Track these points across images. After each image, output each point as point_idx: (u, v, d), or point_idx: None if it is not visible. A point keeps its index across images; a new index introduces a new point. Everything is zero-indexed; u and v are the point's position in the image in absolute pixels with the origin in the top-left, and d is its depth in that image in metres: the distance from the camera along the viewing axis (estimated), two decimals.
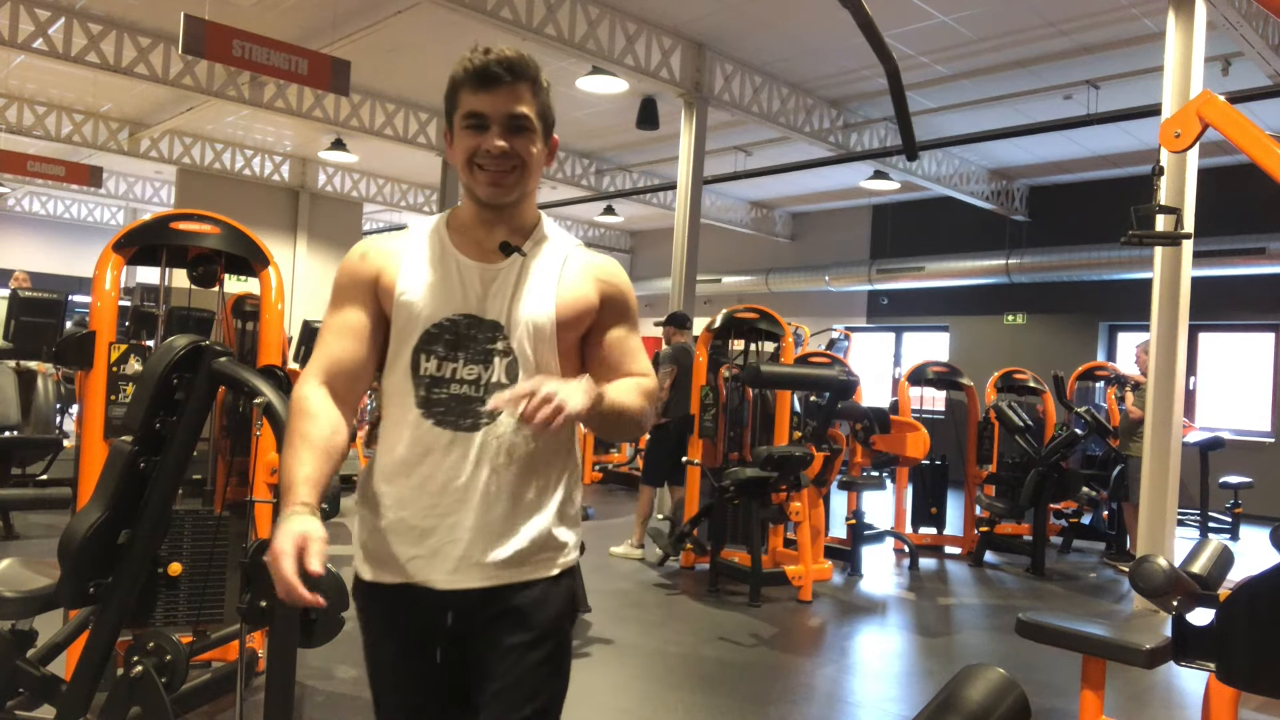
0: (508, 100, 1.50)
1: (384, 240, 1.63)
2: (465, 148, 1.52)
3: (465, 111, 1.51)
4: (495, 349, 1.54)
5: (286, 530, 1.36)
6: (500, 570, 1.53)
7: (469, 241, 1.58)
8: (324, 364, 1.56)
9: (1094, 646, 2.83)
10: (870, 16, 3.28)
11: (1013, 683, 1.12)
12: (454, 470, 1.52)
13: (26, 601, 2.39)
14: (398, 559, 1.54)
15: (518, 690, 1.52)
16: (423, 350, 1.53)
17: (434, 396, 1.52)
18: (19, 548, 5.86)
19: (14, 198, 18.32)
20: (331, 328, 1.59)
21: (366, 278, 1.59)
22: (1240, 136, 3.52)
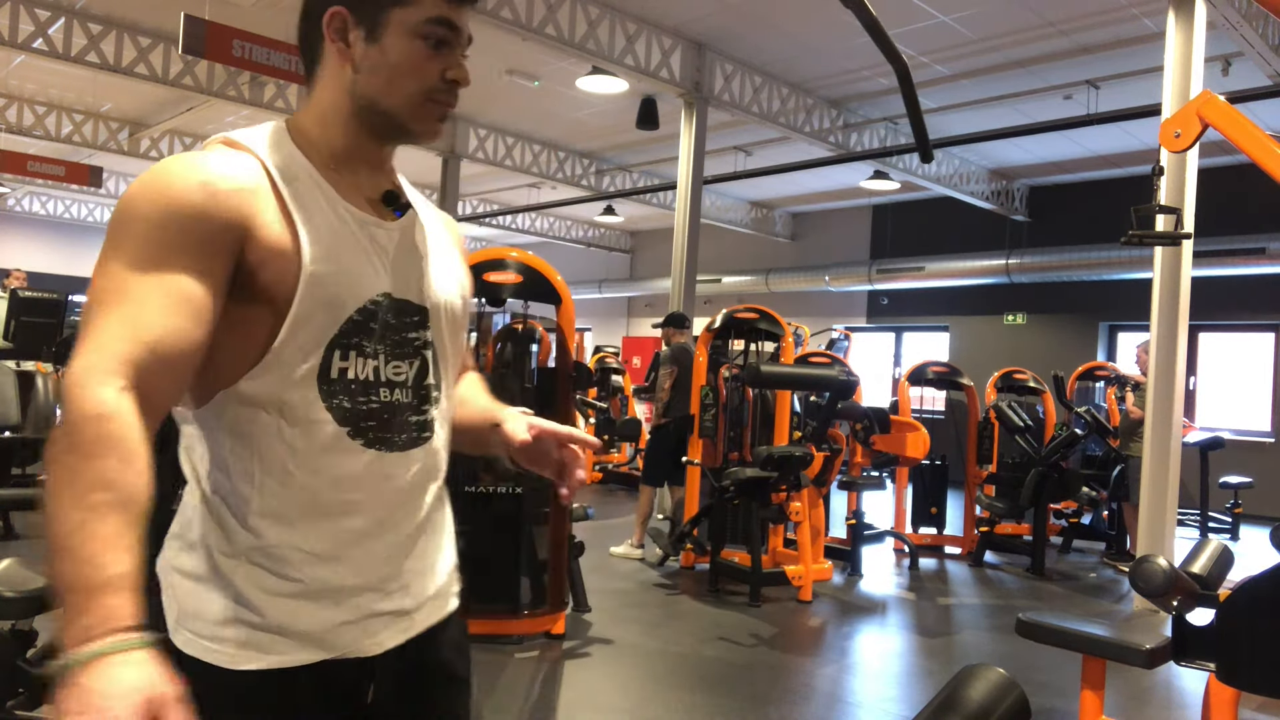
0: (466, 20, 1.14)
1: (230, 169, 1.05)
2: (415, 63, 1.10)
3: (429, 16, 1.10)
4: (418, 339, 1.16)
5: (119, 685, 0.80)
6: (426, 613, 1.21)
7: (350, 188, 1.14)
8: (137, 351, 0.95)
9: (1094, 646, 2.83)
10: (875, 17, 3.27)
11: (1013, 683, 1.12)
12: (392, 504, 1.14)
13: (26, 601, 2.39)
14: (312, 631, 1.08)
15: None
16: (341, 345, 1.09)
17: (361, 408, 1.10)
18: (19, 548, 5.87)
19: (14, 198, 18.32)
20: (147, 295, 0.98)
21: (222, 224, 1.02)
22: (1240, 136, 3.53)
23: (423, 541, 1.20)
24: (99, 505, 0.88)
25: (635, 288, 18.39)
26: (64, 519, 0.87)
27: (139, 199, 1.02)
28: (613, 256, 19.19)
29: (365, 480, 1.11)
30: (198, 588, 1.08)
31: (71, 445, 0.90)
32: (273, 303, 1.05)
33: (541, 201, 15.70)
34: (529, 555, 4.63)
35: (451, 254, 1.26)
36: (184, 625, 1.08)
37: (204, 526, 1.10)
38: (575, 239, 18.35)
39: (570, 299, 4.79)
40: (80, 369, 0.93)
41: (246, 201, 1.04)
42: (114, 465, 0.90)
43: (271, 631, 1.07)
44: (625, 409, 11.60)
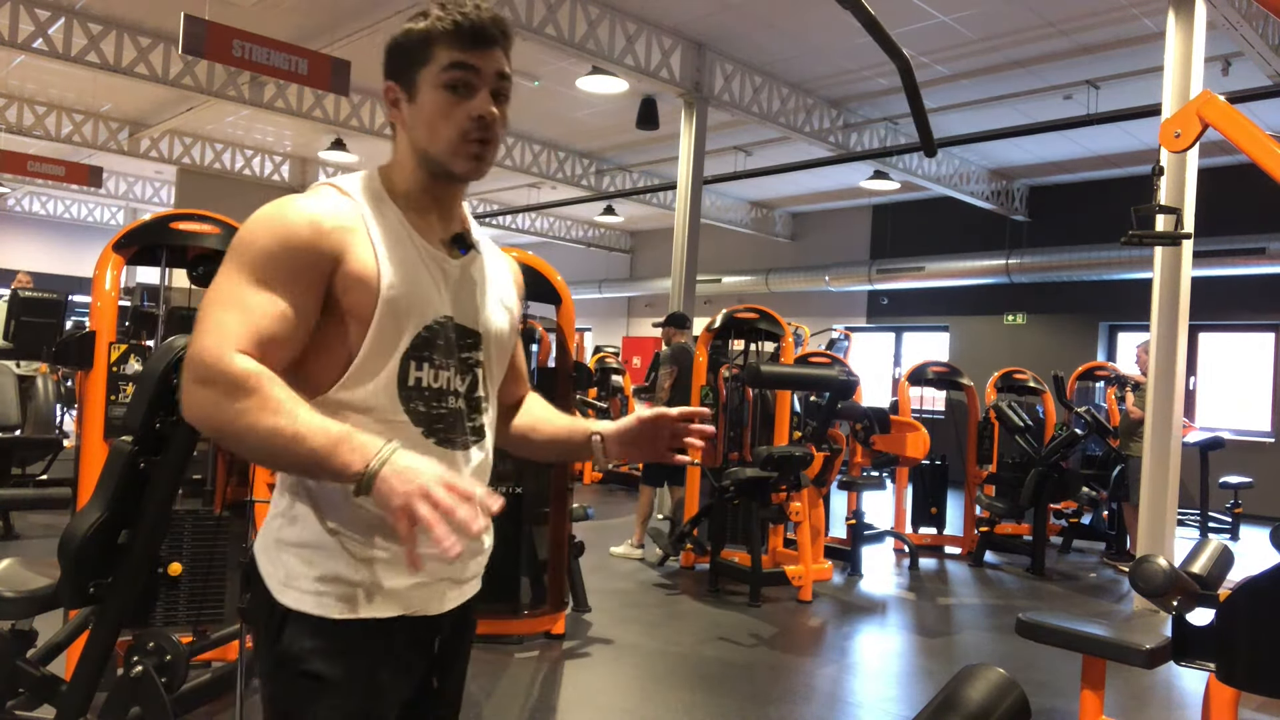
0: (497, 61, 1.31)
1: (335, 209, 1.29)
2: (443, 110, 1.29)
3: (449, 63, 1.29)
4: (472, 359, 1.39)
5: (413, 464, 1.10)
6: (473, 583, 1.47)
7: (423, 226, 1.35)
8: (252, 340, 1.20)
9: (1094, 646, 2.83)
10: (873, 16, 3.27)
11: (1013, 683, 1.12)
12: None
13: (26, 601, 2.39)
14: (396, 591, 1.32)
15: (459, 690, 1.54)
16: (414, 357, 1.31)
17: (434, 411, 1.33)
18: (19, 548, 5.86)
19: (14, 198, 18.32)
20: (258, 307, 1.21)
21: (319, 257, 1.25)
22: (1240, 136, 3.53)
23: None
24: (295, 406, 1.15)
25: (635, 288, 18.38)
26: (278, 425, 1.14)
27: (260, 229, 1.27)
28: (613, 256, 19.19)
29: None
30: (304, 553, 1.30)
31: (241, 391, 1.14)
32: (357, 321, 1.27)
33: (541, 201, 15.70)
34: (529, 555, 4.63)
35: (506, 290, 1.47)
36: (291, 585, 1.29)
37: (306, 505, 1.31)
38: (575, 239, 18.35)
39: (570, 299, 4.80)
40: (211, 346, 1.17)
41: (342, 238, 1.26)
42: (280, 388, 1.16)
43: (364, 589, 1.29)
44: (625, 409, 11.59)
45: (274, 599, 1.29)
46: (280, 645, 1.28)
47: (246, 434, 1.15)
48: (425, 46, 1.31)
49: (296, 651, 1.27)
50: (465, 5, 1.31)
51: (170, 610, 3.17)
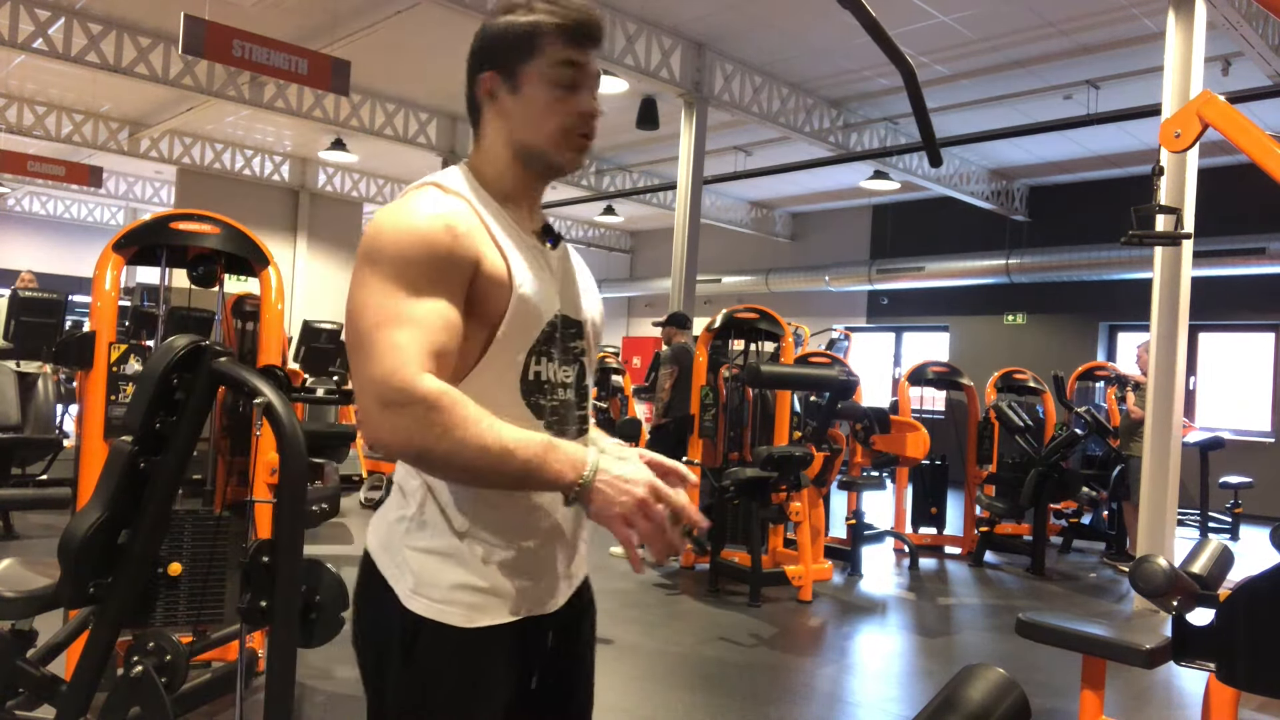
0: (594, 59, 1.36)
1: (457, 210, 1.28)
2: (551, 104, 1.32)
3: (560, 59, 1.31)
4: (576, 349, 1.40)
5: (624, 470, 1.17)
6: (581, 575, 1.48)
7: (520, 222, 1.37)
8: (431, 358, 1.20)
9: (1094, 646, 2.83)
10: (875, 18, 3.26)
11: (1013, 683, 1.12)
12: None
13: (26, 601, 2.39)
14: (521, 593, 1.32)
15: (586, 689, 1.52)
16: (536, 353, 1.32)
17: (548, 404, 1.34)
18: (19, 548, 5.86)
19: (14, 198, 18.32)
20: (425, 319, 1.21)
21: (461, 259, 1.25)
22: (1240, 136, 3.53)
23: (584, 518, 1.37)
24: (492, 421, 1.17)
25: (635, 288, 18.38)
26: (485, 443, 1.15)
27: (392, 235, 1.24)
28: (613, 256, 19.19)
29: None
30: (433, 560, 1.29)
31: (437, 411, 1.15)
32: (487, 319, 1.28)
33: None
34: None
35: (589, 279, 1.49)
36: (420, 593, 1.29)
37: (436, 510, 1.30)
38: (575, 239, 18.35)
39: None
40: (398, 368, 1.17)
41: (477, 242, 1.27)
42: (470, 405, 1.17)
43: (492, 595, 1.30)
44: (625, 409, 11.59)
45: (402, 605, 1.29)
46: (415, 654, 1.28)
47: (453, 455, 1.16)
48: (532, 39, 1.32)
49: (431, 661, 1.28)
50: (574, 2, 1.33)
51: (170, 610, 3.17)
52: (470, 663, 1.30)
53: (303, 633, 2.01)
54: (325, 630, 2.09)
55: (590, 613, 1.52)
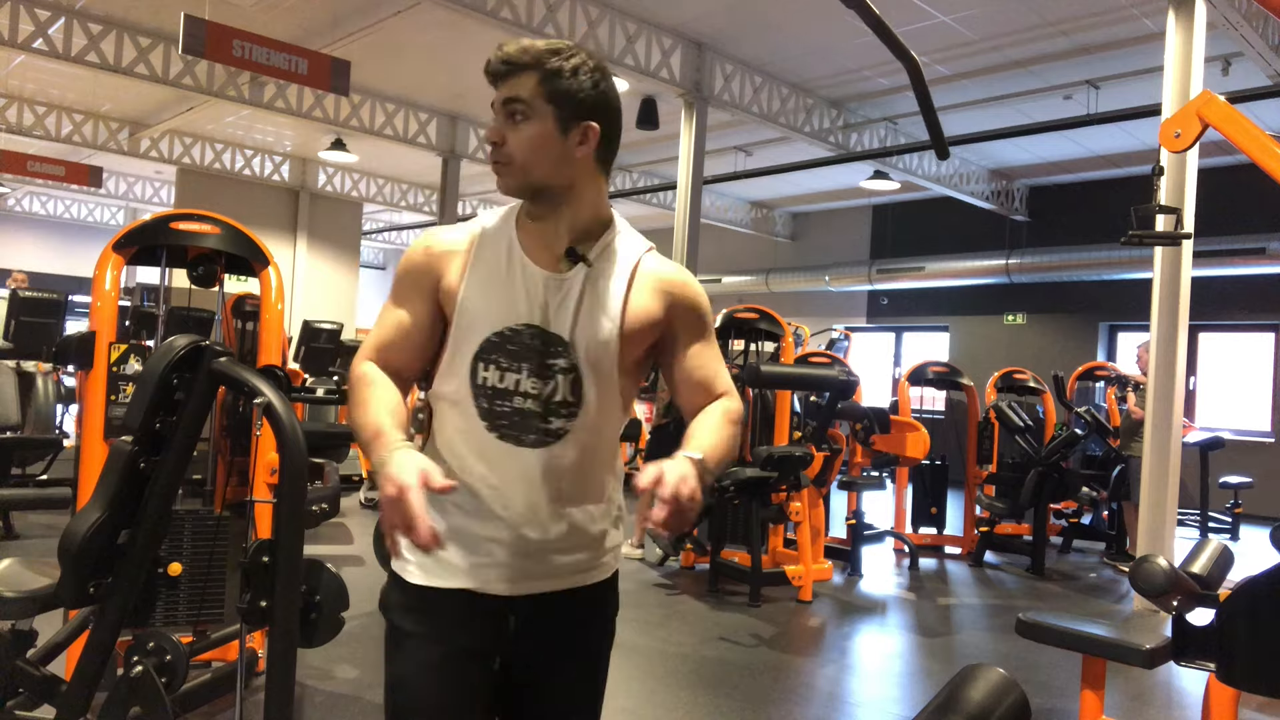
0: (505, 91, 1.46)
1: (449, 235, 1.54)
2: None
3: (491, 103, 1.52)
4: (558, 365, 1.48)
5: (402, 464, 1.30)
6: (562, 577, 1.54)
7: (538, 244, 1.50)
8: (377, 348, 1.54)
9: (1094, 646, 2.83)
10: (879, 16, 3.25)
11: (1013, 683, 1.12)
12: (513, 481, 1.48)
13: (26, 601, 2.39)
14: (456, 565, 1.49)
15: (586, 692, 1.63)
16: (481, 359, 1.47)
17: (496, 409, 1.47)
18: (19, 548, 5.86)
19: (14, 198, 18.31)
20: (385, 320, 1.55)
21: (427, 275, 1.51)
22: (1240, 136, 3.52)
23: (556, 524, 1.50)
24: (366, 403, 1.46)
25: None
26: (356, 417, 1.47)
27: (402, 258, 1.58)
28: None
29: (497, 464, 1.48)
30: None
31: (354, 389, 1.51)
32: (449, 325, 1.51)
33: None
34: None
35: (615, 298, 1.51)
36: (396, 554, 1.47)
37: None
38: None
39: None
40: (356, 358, 1.56)
41: (445, 260, 1.51)
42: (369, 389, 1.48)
43: (435, 562, 1.49)
44: None
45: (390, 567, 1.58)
46: (388, 606, 1.55)
47: (353, 423, 1.48)
48: None
49: (386, 603, 1.56)
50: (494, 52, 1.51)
51: (170, 610, 3.17)
52: (421, 617, 1.51)
53: (303, 633, 2.01)
54: (325, 630, 2.09)
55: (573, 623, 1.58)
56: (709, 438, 1.52)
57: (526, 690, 1.57)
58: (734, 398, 1.61)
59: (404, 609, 1.53)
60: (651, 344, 1.56)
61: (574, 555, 1.54)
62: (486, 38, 8.45)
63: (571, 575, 1.55)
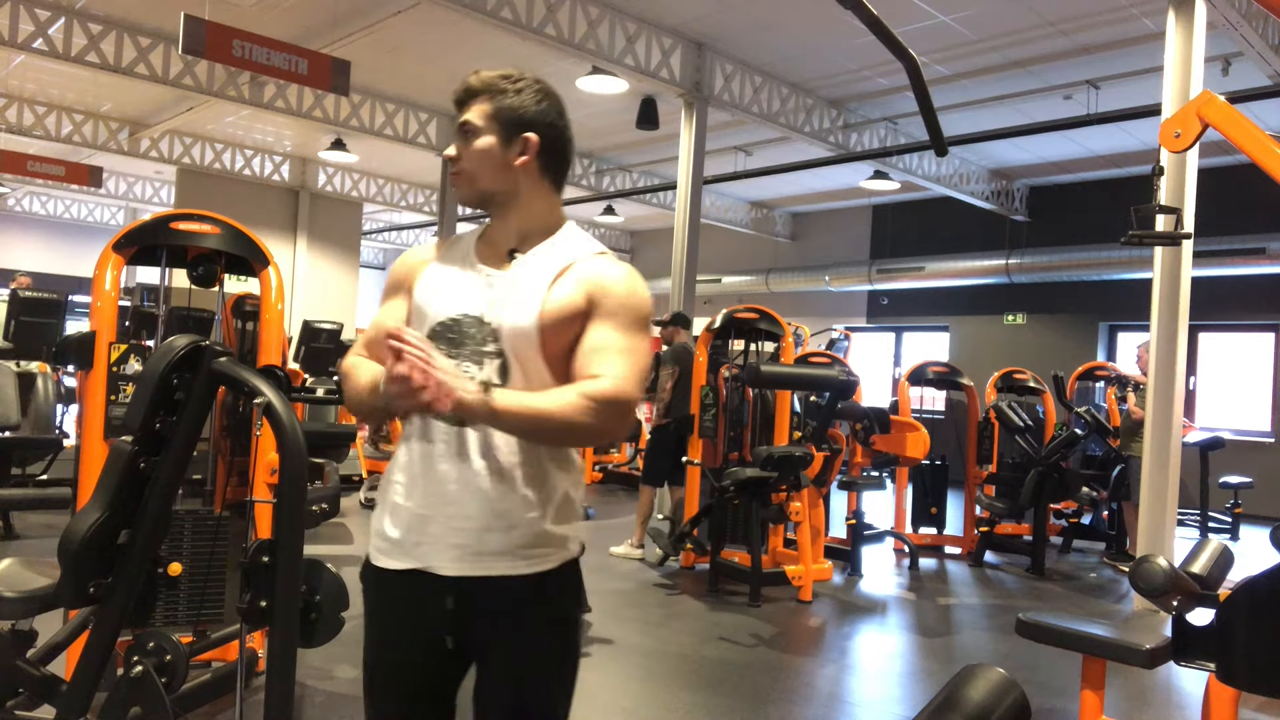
0: (463, 114, 1.69)
1: (425, 247, 1.80)
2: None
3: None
4: (487, 350, 1.61)
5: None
6: (498, 561, 1.59)
7: (490, 246, 1.72)
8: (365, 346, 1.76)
9: (1094, 646, 2.83)
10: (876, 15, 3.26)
11: (1013, 683, 1.12)
12: (452, 461, 1.60)
13: (26, 601, 2.39)
14: (401, 544, 1.62)
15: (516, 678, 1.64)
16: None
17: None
18: (19, 548, 5.86)
19: (14, 198, 18.31)
20: (373, 324, 1.78)
21: (403, 279, 1.75)
22: (1240, 136, 3.53)
23: (491, 503, 1.59)
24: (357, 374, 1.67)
25: None
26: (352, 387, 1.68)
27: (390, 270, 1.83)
28: None
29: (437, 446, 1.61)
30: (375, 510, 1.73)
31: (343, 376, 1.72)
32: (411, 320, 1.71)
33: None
34: None
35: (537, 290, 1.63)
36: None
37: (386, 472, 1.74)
38: None
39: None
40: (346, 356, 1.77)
41: (415, 266, 1.76)
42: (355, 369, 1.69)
43: (384, 541, 1.66)
44: None
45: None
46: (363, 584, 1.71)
47: (354, 396, 1.68)
48: None
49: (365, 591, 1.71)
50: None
51: (170, 610, 3.17)
52: (376, 595, 1.69)
53: (303, 633, 2.01)
54: (325, 630, 2.09)
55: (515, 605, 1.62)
56: (528, 397, 1.54)
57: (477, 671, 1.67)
58: (609, 382, 1.56)
59: (370, 589, 1.69)
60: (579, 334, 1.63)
61: (508, 538, 1.59)
62: (486, 38, 8.46)
63: (506, 560, 1.60)
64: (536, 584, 1.62)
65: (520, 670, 1.64)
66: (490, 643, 1.63)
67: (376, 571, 1.66)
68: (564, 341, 1.62)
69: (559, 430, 1.55)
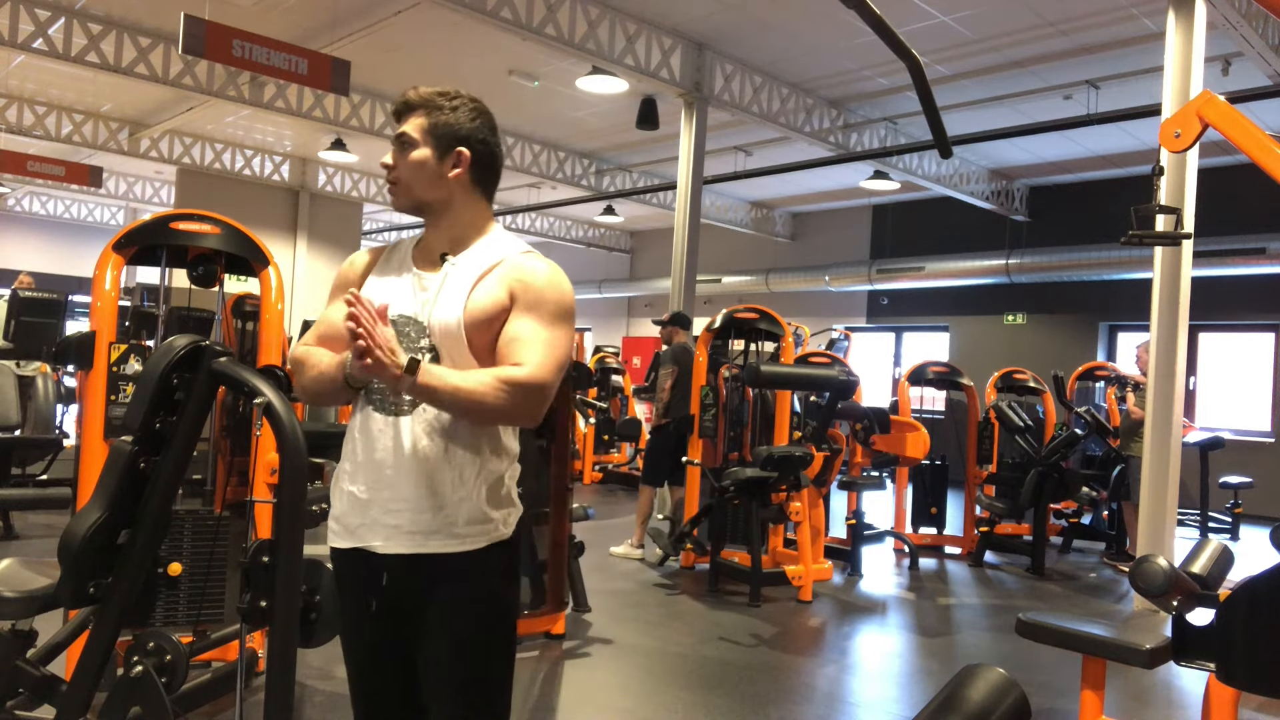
0: (401, 127, 1.82)
1: (366, 253, 1.94)
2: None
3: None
4: (420, 346, 1.76)
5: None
6: (428, 540, 1.73)
7: (424, 251, 1.85)
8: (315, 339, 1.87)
9: (1094, 646, 2.83)
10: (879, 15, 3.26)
11: (1013, 683, 1.12)
12: (388, 449, 1.75)
13: (26, 601, 2.39)
14: (348, 526, 1.78)
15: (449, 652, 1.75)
16: None
17: (375, 385, 1.76)
18: (19, 548, 5.86)
19: (14, 198, 18.31)
20: (319, 321, 1.90)
21: (349, 281, 1.89)
22: (1240, 136, 3.52)
23: (422, 486, 1.72)
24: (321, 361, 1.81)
25: (635, 288, 18.38)
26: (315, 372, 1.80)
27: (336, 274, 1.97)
28: (613, 256, 19.18)
29: (372, 432, 1.77)
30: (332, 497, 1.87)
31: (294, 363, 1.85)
32: None
33: (541, 201, 15.70)
34: (529, 555, 4.63)
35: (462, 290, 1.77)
36: None
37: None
38: (575, 239, 18.34)
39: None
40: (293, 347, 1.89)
41: (360, 268, 1.92)
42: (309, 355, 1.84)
43: (337, 524, 1.82)
44: (625, 409, 11.59)
45: None
46: None
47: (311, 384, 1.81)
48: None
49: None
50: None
51: (170, 610, 3.17)
52: (338, 576, 1.85)
53: (303, 633, 2.01)
54: (325, 630, 2.09)
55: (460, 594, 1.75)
56: (451, 374, 1.68)
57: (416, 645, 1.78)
58: (524, 370, 1.70)
59: (334, 570, 1.85)
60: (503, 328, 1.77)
61: (436, 518, 1.72)
62: (486, 38, 8.47)
63: (437, 539, 1.73)
64: (465, 561, 1.74)
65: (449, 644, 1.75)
66: (422, 615, 1.75)
67: (336, 553, 1.82)
68: (489, 336, 1.75)
69: (473, 407, 1.68)
